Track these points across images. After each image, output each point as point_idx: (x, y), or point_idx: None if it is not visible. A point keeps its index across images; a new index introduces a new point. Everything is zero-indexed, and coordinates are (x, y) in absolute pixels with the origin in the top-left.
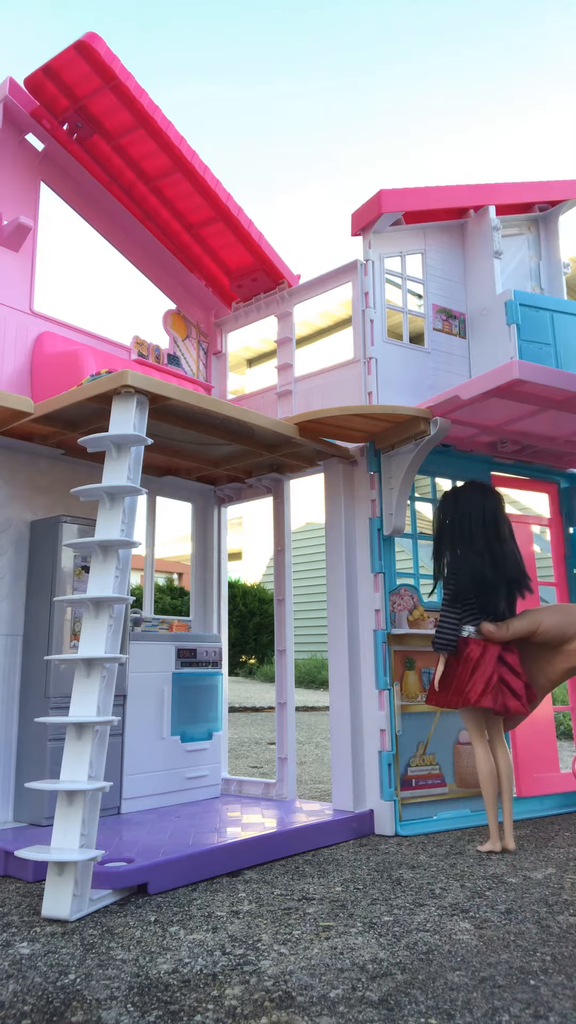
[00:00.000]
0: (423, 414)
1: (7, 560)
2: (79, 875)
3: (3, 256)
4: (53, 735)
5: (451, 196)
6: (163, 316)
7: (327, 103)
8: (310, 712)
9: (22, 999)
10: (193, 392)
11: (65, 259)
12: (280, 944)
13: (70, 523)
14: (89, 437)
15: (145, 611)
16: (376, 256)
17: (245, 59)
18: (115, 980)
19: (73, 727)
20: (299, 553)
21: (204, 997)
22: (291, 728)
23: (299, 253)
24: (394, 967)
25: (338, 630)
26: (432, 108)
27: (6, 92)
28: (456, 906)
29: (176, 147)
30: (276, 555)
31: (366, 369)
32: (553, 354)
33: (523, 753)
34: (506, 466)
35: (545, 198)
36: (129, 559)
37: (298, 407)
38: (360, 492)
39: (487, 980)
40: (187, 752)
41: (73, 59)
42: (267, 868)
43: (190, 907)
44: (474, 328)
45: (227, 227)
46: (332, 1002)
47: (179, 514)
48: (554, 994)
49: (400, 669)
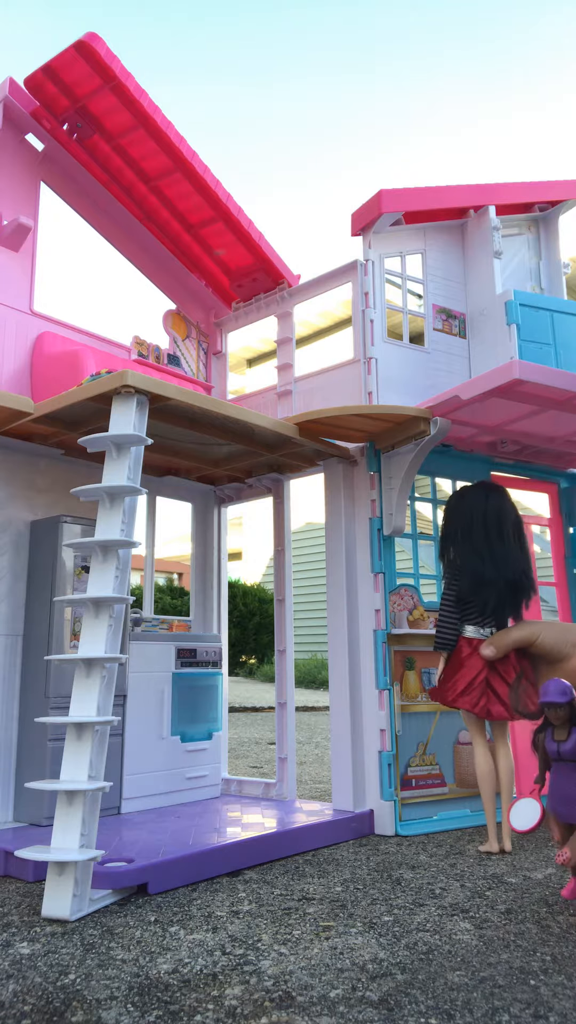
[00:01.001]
0: (423, 414)
1: (7, 560)
2: (79, 875)
3: (3, 256)
4: (53, 735)
5: (451, 196)
6: (163, 316)
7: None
8: (310, 712)
9: (22, 999)
10: (193, 392)
11: (65, 259)
12: (280, 944)
13: (70, 523)
14: (89, 437)
15: (145, 611)
16: (376, 256)
17: (245, 59)
18: (115, 980)
19: (73, 727)
20: (299, 553)
21: (204, 997)
22: (291, 728)
23: (299, 253)
24: (394, 967)
25: (338, 630)
26: (433, 108)
27: (6, 92)
28: (456, 906)
29: (176, 147)
30: (276, 555)
31: (366, 369)
32: (553, 354)
33: (525, 754)
34: (506, 466)
35: (545, 198)
36: (129, 559)
37: (298, 407)
38: (360, 492)
39: (487, 980)
40: (187, 752)
41: (73, 59)
42: (267, 868)
43: (190, 907)
44: (474, 328)
45: (227, 227)
46: (332, 1002)
47: (179, 514)
48: (554, 994)
49: (400, 669)
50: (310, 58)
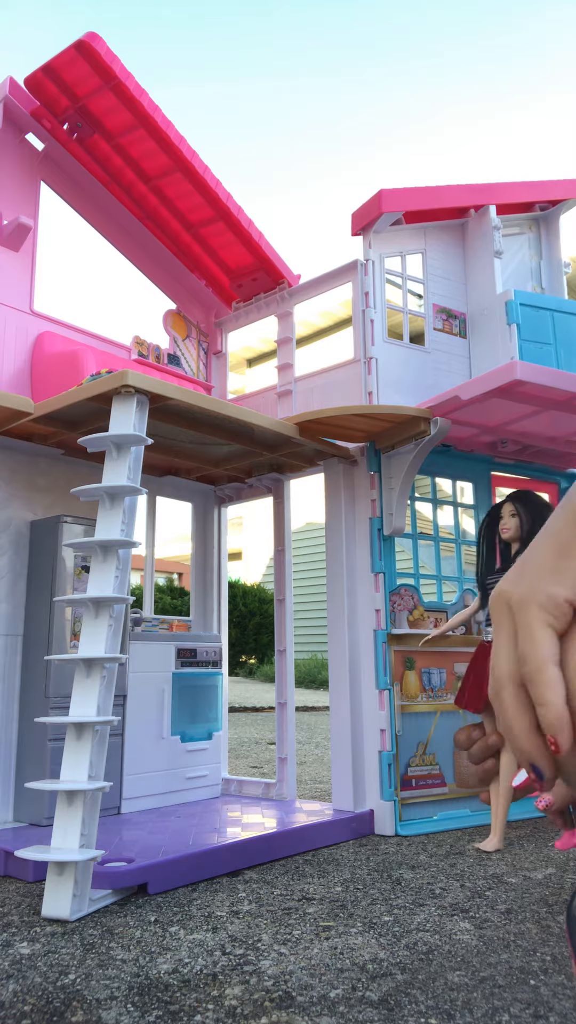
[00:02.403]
0: (423, 414)
1: (7, 560)
2: (79, 875)
3: (3, 256)
4: (53, 735)
5: (451, 196)
6: (163, 316)
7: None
8: (310, 712)
9: (22, 999)
10: (193, 392)
11: (65, 259)
12: (280, 944)
13: (70, 523)
14: (89, 437)
15: (145, 611)
16: (376, 256)
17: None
18: (115, 980)
19: (73, 727)
20: (299, 553)
21: (204, 997)
22: (291, 728)
23: (299, 253)
24: (394, 967)
25: (338, 630)
26: (433, 108)
27: (6, 92)
28: (456, 906)
29: (176, 147)
30: (276, 555)
31: (366, 369)
32: (553, 354)
33: None
34: (506, 466)
35: (545, 197)
36: (129, 559)
37: (298, 407)
38: (360, 492)
39: (487, 980)
40: (187, 752)
41: (73, 59)
42: (267, 868)
43: (190, 907)
44: (474, 328)
45: (227, 227)
46: (332, 1002)
47: (179, 514)
48: (554, 994)
49: (400, 669)
50: (310, 58)
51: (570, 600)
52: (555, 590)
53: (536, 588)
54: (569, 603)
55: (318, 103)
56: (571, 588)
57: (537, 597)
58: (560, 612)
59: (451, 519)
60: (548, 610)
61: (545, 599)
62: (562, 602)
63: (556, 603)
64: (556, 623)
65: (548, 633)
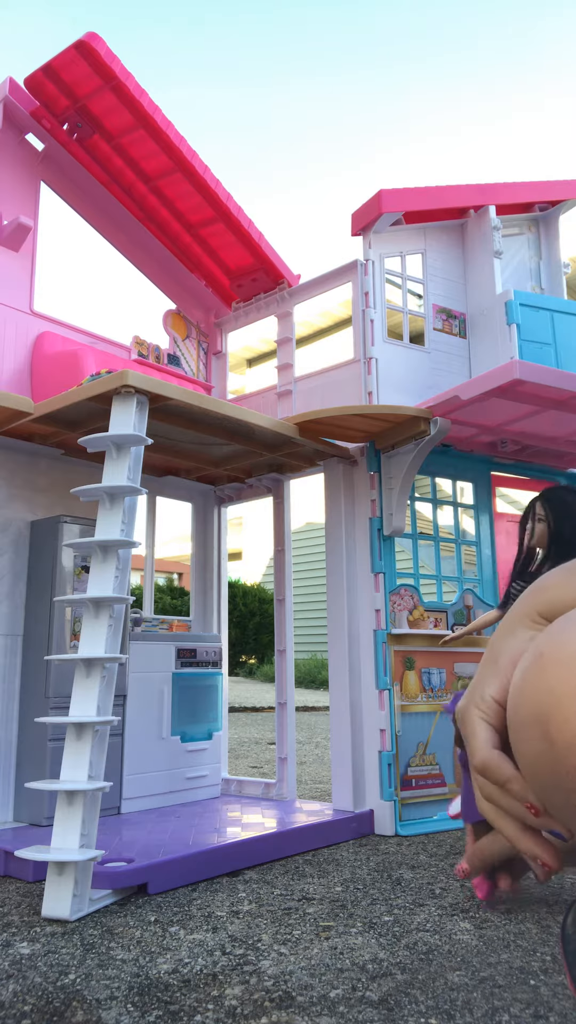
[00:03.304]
0: (423, 414)
1: (7, 560)
2: (79, 875)
3: (3, 256)
4: (53, 735)
5: (451, 196)
6: (163, 316)
7: (327, 103)
8: (310, 712)
9: (22, 999)
10: (193, 392)
11: (65, 259)
12: (280, 944)
13: (70, 523)
14: (89, 437)
15: (145, 611)
16: (376, 256)
17: (246, 59)
18: (115, 980)
19: (73, 727)
20: (299, 553)
21: (204, 997)
22: (291, 728)
23: (299, 253)
24: (394, 967)
25: (338, 630)
26: (432, 108)
27: (6, 92)
28: (456, 906)
29: (176, 147)
30: (276, 555)
31: (366, 369)
32: (553, 354)
33: None
34: (506, 466)
35: (545, 198)
36: (129, 559)
37: (298, 407)
38: (360, 492)
39: (487, 980)
40: (187, 752)
41: (73, 59)
42: (267, 868)
43: (190, 907)
44: (474, 328)
45: (227, 227)
46: (332, 1002)
47: (179, 514)
48: (554, 994)
49: (400, 669)
50: (310, 59)
51: (495, 698)
52: (485, 691)
53: (474, 694)
54: (495, 700)
55: (318, 103)
56: (497, 689)
57: (474, 699)
58: (488, 707)
59: (451, 519)
60: (481, 708)
61: (479, 699)
62: (489, 699)
63: (486, 701)
64: (487, 717)
65: (483, 726)
